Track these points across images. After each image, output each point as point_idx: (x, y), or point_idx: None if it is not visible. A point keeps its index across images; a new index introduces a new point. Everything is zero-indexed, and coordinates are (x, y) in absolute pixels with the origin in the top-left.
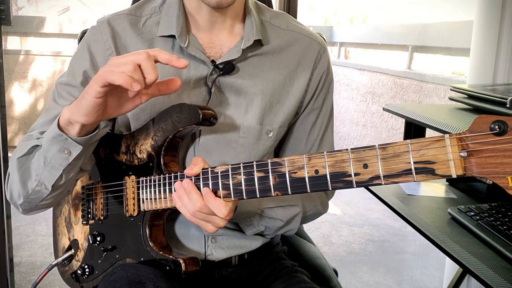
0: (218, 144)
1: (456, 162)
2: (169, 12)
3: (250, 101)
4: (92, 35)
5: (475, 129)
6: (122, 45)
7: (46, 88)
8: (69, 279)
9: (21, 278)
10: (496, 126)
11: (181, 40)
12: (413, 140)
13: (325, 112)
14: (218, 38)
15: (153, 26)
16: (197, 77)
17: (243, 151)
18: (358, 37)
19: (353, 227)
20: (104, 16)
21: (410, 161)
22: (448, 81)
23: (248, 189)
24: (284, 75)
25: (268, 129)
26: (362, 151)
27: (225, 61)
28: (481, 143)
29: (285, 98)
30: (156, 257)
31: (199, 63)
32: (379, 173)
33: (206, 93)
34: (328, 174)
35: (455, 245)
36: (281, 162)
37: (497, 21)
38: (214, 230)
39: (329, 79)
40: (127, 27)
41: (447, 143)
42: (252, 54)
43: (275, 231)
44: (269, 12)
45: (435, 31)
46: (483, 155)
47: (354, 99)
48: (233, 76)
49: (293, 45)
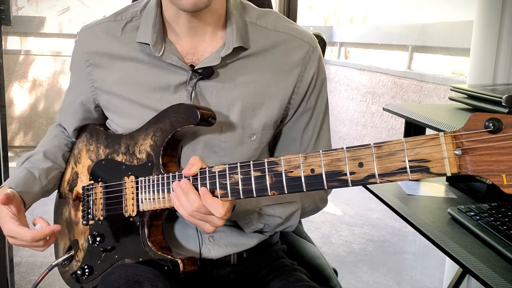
0: (201, 149)
1: (451, 160)
2: (147, 18)
3: (231, 105)
4: (75, 45)
5: (469, 127)
6: (101, 53)
7: (46, 88)
8: (69, 280)
9: (21, 278)
10: (490, 124)
11: (156, 48)
12: (408, 138)
13: (318, 112)
14: (200, 44)
15: (133, 30)
16: (177, 83)
17: (225, 155)
18: (358, 37)
19: (353, 227)
20: (86, 24)
21: (405, 160)
22: (448, 81)
23: (245, 189)
24: (267, 77)
25: (250, 133)
26: (358, 150)
27: (204, 66)
28: (475, 141)
29: (268, 101)
30: (155, 257)
31: (178, 69)
32: (374, 172)
33: (187, 97)
34: (324, 173)
35: (455, 245)
36: (277, 161)
37: (497, 21)
38: (212, 229)
39: (321, 79)
40: (102, 36)
41: (442, 141)
42: (232, 60)
43: (274, 228)
44: (256, 12)
45: (435, 31)
46: (477, 153)
47: (354, 99)
48: (213, 80)
49: (279, 46)
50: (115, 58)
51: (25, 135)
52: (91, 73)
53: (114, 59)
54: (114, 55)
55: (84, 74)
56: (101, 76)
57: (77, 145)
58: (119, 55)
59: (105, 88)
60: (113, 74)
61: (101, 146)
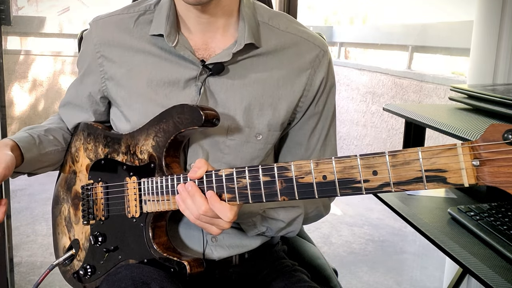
0: (205, 145)
1: (469, 171)
2: (161, 11)
3: (239, 103)
4: (85, 36)
5: (487, 138)
6: (112, 45)
7: (46, 88)
8: (71, 279)
9: (21, 278)
10: (509, 135)
11: (169, 39)
12: (424, 148)
13: (326, 117)
14: (212, 40)
15: (145, 23)
16: (186, 78)
17: (229, 153)
18: (358, 37)
19: (353, 227)
20: (98, 16)
21: (421, 169)
22: (448, 81)
23: (254, 193)
24: (276, 78)
25: (256, 132)
26: (372, 158)
27: (214, 62)
28: (494, 152)
29: (276, 101)
30: (160, 258)
31: (189, 63)
32: (389, 180)
33: (196, 93)
34: (336, 180)
35: (455, 245)
36: (287, 166)
37: (497, 21)
38: (218, 232)
39: (330, 84)
40: (114, 28)
41: (459, 151)
42: (243, 57)
43: (276, 232)
44: (268, 13)
45: (435, 31)
46: (496, 164)
47: (354, 99)
48: (223, 76)
49: (290, 48)
50: (126, 51)
51: None
52: (102, 64)
53: (125, 52)
54: (125, 47)
55: (95, 65)
56: (112, 67)
57: (74, 143)
58: (130, 47)
59: (115, 80)
60: (124, 66)
61: (100, 145)
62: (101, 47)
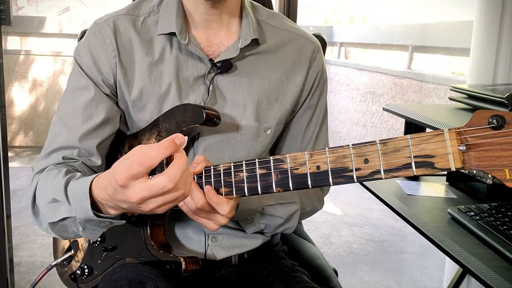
0: (217, 142)
1: (455, 155)
2: (167, 10)
3: (248, 98)
4: (94, 38)
5: (473, 124)
6: (123, 46)
7: (46, 88)
8: (67, 280)
9: (21, 278)
10: (494, 120)
11: (182, 37)
12: (413, 135)
13: (320, 111)
14: (215, 37)
15: (151, 25)
16: (195, 76)
17: (241, 148)
18: (358, 37)
19: (353, 227)
20: (101, 18)
21: (410, 155)
22: (448, 81)
23: (250, 186)
24: (280, 74)
25: (266, 126)
26: (363, 147)
27: (223, 59)
28: (479, 137)
29: (282, 96)
30: (157, 256)
31: (197, 61)
32: (380, 168)
33: (205, 91)
34: (329, 169)
35: (455, 245)
36: (283, 158)
37: (497, 21)
38: (216, 227)
39: (324, 78)
40: (127, 27)
41: (447, 137)
42: (249, 53)
43: (274, 228)
44: (265, 12)
45: (435, 31)
46: (481, 148)
47: (354, 99)
48: (231, 74)
49: (289, 44)
50: (135, 52)
51: (25, 135)
52: (116, 64)
53: (135, 53)
54: (135, 48)
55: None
56: (122, 68)
57: None
58: (140, 48)
59: (125, 80)
60: (134, 67)
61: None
62: (114, 47)
